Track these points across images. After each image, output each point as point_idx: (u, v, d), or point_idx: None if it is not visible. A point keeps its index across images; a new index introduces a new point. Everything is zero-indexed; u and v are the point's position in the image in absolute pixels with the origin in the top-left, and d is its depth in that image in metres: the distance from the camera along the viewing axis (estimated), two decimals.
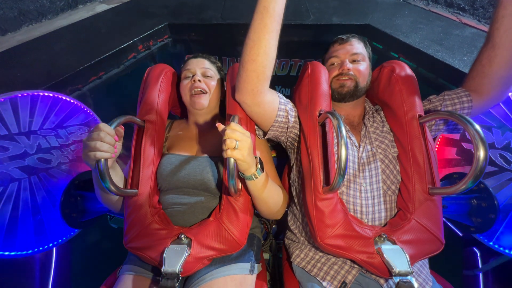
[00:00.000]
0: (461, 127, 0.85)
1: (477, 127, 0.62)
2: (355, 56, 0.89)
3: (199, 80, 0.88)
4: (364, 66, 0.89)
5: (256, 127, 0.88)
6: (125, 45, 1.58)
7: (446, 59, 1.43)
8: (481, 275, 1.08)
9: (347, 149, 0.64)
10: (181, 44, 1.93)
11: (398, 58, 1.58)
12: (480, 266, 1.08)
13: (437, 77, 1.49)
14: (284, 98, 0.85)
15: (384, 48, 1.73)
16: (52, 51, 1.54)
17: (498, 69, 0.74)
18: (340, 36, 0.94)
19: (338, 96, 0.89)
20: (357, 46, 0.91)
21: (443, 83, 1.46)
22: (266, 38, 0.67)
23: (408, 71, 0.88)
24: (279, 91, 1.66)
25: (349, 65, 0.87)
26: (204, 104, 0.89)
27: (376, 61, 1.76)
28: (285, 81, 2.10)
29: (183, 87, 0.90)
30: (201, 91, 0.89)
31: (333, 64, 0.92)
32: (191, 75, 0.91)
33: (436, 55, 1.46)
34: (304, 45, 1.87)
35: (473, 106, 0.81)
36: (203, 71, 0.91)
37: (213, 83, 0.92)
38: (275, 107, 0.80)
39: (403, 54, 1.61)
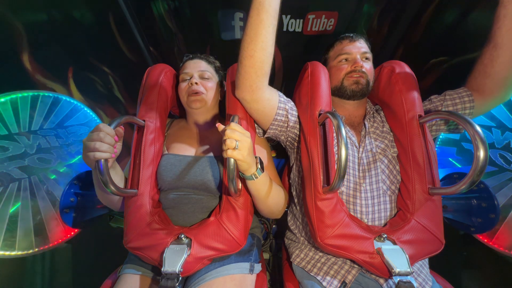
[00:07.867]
0: (462, 127, 0.85)
1: (477, 127, 0.62)
2: (365, 55, 0.89)
3: (196, 83, 0.89)
4: (371, 66, 0.90)
5: (256, 125, 0.88)
6: None
7: None
8: None
9: (347, 149, 0.64)
10: None
11: None
12: None
13: None
14: (285, 97, 0.85)
15: None
16: None
17: (500, 69, 0.73)
18: (347, 34, 0.93)
19: (350, 93, 0.88)
20: (365, 46, 0.91)
21: None
22: (263, 34, 0.67)
23: (408, 70, 0.88)
24: (288, 25, 1.24)
25: (362, 62, 0.87)
26: (201, 102, 0.89)
27: None
28: (294, 7, 1.25)
29: (180, 90, 0.91)
30: (198, 93, 0.89)
31: (344, 60, 0.90)
32: (189, 78, 0.91)
33: None
34: None
35: (475, 107, 0.80)
36: (200, 73, 0.92)
37: (211, 84, 0.92)
38: (274, 105, 0.80)
39: None
